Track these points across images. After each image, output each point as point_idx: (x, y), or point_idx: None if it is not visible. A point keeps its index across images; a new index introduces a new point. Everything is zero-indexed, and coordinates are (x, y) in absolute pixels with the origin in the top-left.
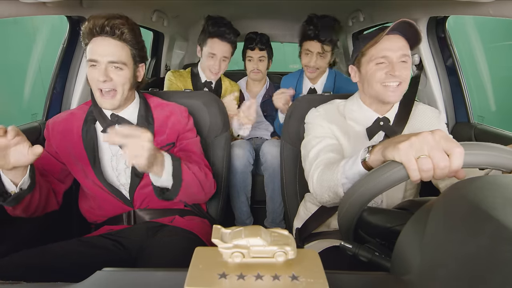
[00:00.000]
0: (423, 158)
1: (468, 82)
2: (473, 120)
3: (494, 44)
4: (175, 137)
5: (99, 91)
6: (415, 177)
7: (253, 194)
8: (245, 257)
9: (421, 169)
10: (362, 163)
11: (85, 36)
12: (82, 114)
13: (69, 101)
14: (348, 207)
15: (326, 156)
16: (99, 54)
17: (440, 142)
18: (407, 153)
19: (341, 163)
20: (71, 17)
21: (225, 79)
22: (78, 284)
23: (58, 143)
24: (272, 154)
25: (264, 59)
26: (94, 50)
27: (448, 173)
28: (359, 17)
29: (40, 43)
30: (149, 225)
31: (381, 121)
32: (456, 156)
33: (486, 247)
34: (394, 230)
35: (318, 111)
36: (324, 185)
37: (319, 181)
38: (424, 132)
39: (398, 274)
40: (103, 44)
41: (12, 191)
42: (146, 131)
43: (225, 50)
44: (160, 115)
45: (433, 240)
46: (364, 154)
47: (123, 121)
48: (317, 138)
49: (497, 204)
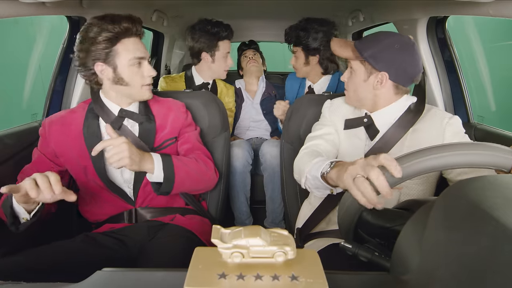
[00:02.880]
0: (357, 178)
1: (468, 82)
2: (473, 120)
3: (494, 44)
4: (176, 132)
5: (142, 86)
6: (358, 197)
7: (253, 194)
8: (244, 257)
9: (359, 188)
10: (322, 174)
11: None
12: (81, 112)
13: (69, 101)
14: (348, 207)
15: (316, 142)
16: (143, 51)
17: (368, 160)
18: (346, 180)
19: (314, 160)
20: (71, 17)
21: (219, 81)
22: (78, 284)
23: (56, 141)
24: (272, 154)
25: (257, 54)
26: (135, 49)
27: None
28: (359, 17)
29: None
30: (150, 224)
31: (365, 118)
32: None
33: (486, 247)
34: (394, 229)
35: (329, 102)
36: (297, 166)
37: (297, 161)
38: (360, 159)
39: (397, 274)
40: (137, 43)
41: (25, 218)
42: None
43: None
44: (159, 111)
45: (433, 240)
46: (326, 168)
47: (134, 114)
48: (318, 125)
49: (497, 204)
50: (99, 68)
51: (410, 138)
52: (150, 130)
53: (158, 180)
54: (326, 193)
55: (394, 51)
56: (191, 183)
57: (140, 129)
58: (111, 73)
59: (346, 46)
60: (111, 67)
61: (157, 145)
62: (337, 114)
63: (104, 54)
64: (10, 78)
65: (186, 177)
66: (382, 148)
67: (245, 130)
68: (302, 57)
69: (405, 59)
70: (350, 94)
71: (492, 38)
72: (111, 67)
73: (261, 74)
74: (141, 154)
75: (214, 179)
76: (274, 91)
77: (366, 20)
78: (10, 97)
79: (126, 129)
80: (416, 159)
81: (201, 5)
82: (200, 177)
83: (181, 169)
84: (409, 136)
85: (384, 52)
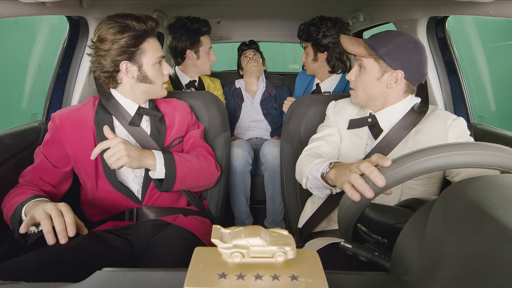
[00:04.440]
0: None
1: (468, 82)
2: (473, 120)
3: (494, 44)
4: (183, 131)
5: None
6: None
7: (253, 194)
8: (244, 257)
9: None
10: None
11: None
12: (92, 107)
13: (69, 101)
14: (348, 206)
15: (318, 144)
16: (162, 50)
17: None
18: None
19: (315, 161)
20: (71, 17)
21: (204, 77)
22: (78, 284)
23: (69, 135)
24: (272, 154)
25: (257, 54)
26: (158, 47)
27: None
28: (359, 17)
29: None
30: (154, 223)
31: (370, 118)
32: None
33: (486, 247)
34: (396, 227)
35: (334, 103)
36: (299, 168)
37: (299, 162)
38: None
39: (397, 274)
40: (157, 42)
41: (33, 231)
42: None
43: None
44: (167, 110)
45: (433, 240)
46: (326, 168)
47: (150, 112)
48: (322, 127)
49: (497, 204)
50: (124, 67)
51: (412, 139)
52: (161, 129)
53: (159, 176)
54: (326, 193)
55: (409, 49)
56: (192, 179)
57: (151, 128)
58: (136, 71)
59: (358, 44)
60: (136, 65)
61: (167, 144)
62: (341, 115)
63: (130, 52)
64: (10, 78)
65: (188, 173)
66: (384, 148)
67: (245, 130)
68: (311, 53)
69: (419, 58)
70: (359, 93)
71: (492, 38)
72: (136, 65)
73: (261, 74)
74: (140, 151)
75: (216, 174)
76: (274, 91)
77: (366, 20)
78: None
79: (140, 129)
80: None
81: (201, 5)
82: (202, 173)
83: (182, 165)
84: (412, 137)
85: (399, 50)
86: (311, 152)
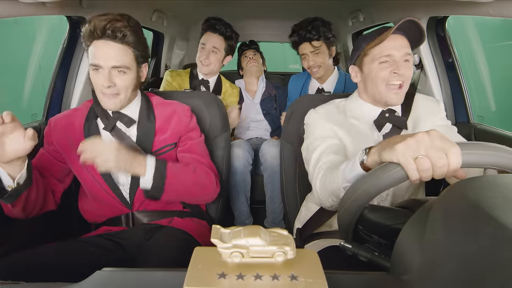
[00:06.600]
0: (421, 158)
1: (468, 82)
2: (473, 120)
3: (494, 44)
4: (177, 137)
5: (101, 93)
6: (414, 176)
7: (253, 194)
8: (244, 257)
9: (420, 169)
10: (361, 165)
11: (85, 39)
12: (84, 111)
13: (69, 101)
14: (348, 206)
15: (328, 159)
16: (102, 58)
17: (435, 141)
18: (404, 154)
19: (341, 167)
20: (71, 17)
21: (225, 81)
22: (78, 284)
23: (59, 139)
24: (272, 154)
25: (257, 55)
26: (96, 54)
27: (447, 172)
28: (359, 17)
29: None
30: (147, 227)
31: (387, 113)
32: (454, 155)
33: (486, 247)
34: (395, 228)
35: (318, 112)
36: (327, 190)
37: (322, 186)
38: (420, 133)
39: (397, 274)
40: (106, 48)
41: (10, 185)
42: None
43: (215, 41)
44: (162, 114)
45: (432, 240)
46: (362, 156)
47: (125, 117)
48: (318, 140)
49: (497, 204)
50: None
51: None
52: (149, 132)
53: (146, 185)
54: None
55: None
56: (185, 193)
57: (138, 131)
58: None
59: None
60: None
61: (156, 149)
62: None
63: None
64: (10, 78)
65: (180, 187)
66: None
67: (245, 130)
68: (325, 51)
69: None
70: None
71: (492, 38)
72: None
73: (261, 74)
74: (131, 156)
75: (215, 191)
76: (274, 91)
77: (366, 20)
78: (10, 97)
79: (119, 132)
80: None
81: (201, 5)
82: (198, 189)
83: (174, 178)
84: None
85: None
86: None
